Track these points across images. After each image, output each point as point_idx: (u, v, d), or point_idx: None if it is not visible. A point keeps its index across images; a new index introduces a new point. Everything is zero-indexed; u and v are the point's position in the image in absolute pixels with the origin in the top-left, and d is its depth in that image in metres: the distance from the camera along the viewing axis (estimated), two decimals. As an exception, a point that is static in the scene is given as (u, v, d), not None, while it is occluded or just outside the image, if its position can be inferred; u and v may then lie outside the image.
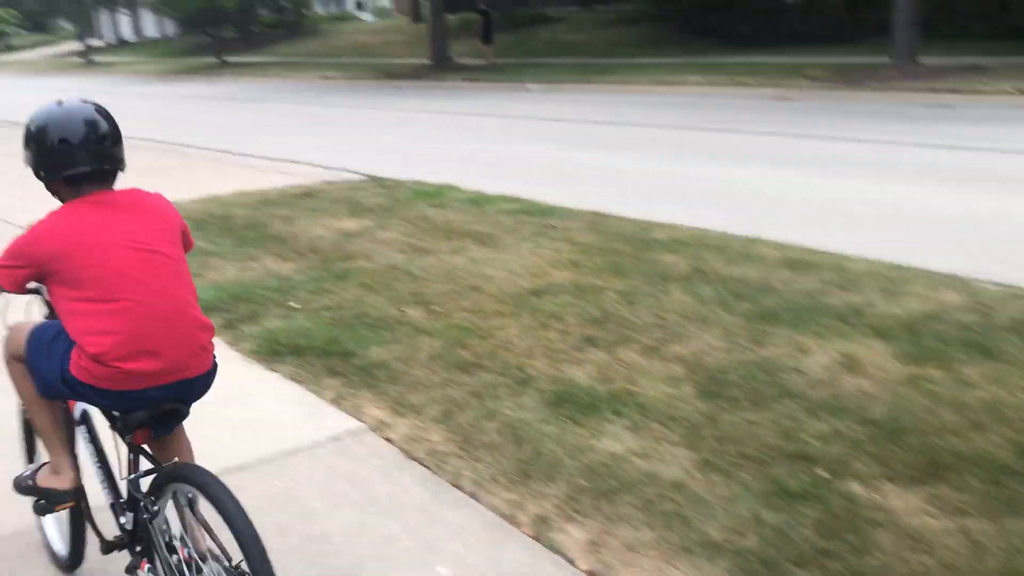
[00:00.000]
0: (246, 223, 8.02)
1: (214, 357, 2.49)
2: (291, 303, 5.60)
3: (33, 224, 2.36)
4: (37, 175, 2.42)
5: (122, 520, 2.57)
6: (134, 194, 2.51)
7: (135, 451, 2.48)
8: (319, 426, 4.02)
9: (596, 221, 7.55)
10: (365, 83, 26.39)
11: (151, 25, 62.91)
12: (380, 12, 53.78)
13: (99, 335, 2.26)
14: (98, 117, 2.43)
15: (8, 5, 54.75)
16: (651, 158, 11.18)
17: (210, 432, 3.99)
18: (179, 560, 2.34)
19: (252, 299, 5.71)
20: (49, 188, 2.46)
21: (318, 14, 50.01)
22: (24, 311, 2.77)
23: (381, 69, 28.66)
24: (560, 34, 33.07)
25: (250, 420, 4.12)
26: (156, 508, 2.40)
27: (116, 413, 2.44)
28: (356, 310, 5.43)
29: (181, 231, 2.57)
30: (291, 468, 3.67)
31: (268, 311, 5.49)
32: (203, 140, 15.14)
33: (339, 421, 4.05)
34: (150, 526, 2.41)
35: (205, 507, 2.25)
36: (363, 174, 10.87)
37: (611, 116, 15.68)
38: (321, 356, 4.71)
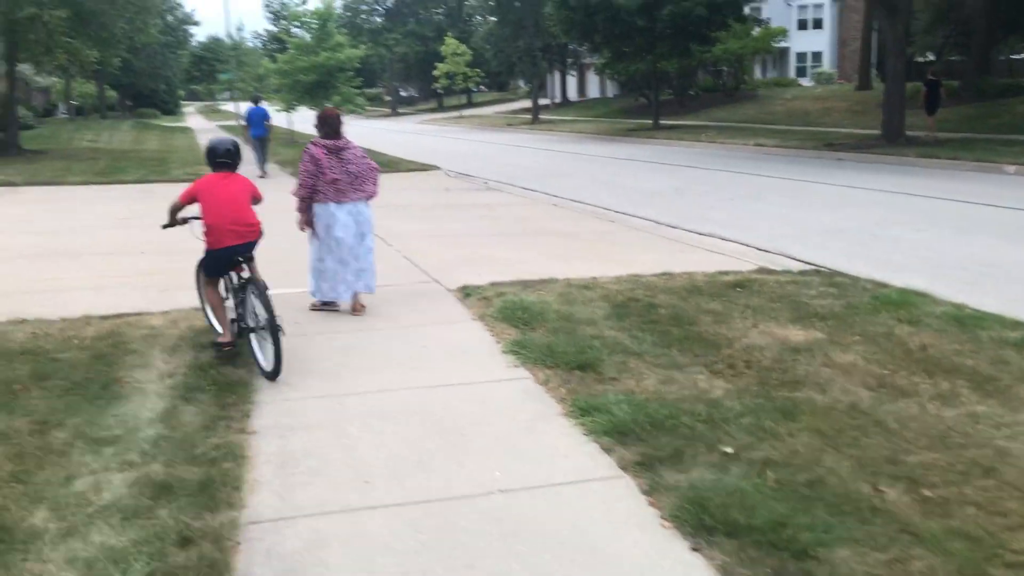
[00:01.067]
0: (671, 316, 7.00)
1: (259, 233, 6.02)
2: (724, 446, 4.38)
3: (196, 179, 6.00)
4: (207, 161, 6.07)
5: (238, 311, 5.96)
6: (234, 176, 6.02)
7: (238, 276, 6.00)
8: None
9: None
10: (803, 153, 24.66)
11: (594, 85, 66.68)
12: (821, 77, 51.34)
13: (209, 221, 5.80)
14: (229, 143, 6.10)
15: (476, 65, 61.29)
16: None
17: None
18: (254, 324, 5.81)
19: (675, 429, 4.60)
20: (209, 166, 6.05)
21: (756, 79, 49.05)
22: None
23: (822, 139, 26.72)
24: (1041, 108, 28.43)
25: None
26: (242, 297, 5.89)
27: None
28: (810, 473, 4.06)
29: (251, 192, 6.08)
30: None
31: (694, 451, 4.33)
32: (628, 205, 14.69)
33: None
34: (239, 307, 5.93)
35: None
36: (805, 263, 9.41)
37: None
38: (767, 547, 3.42)
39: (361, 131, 44.49)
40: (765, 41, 42.28)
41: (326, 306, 7.50)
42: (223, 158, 6.02)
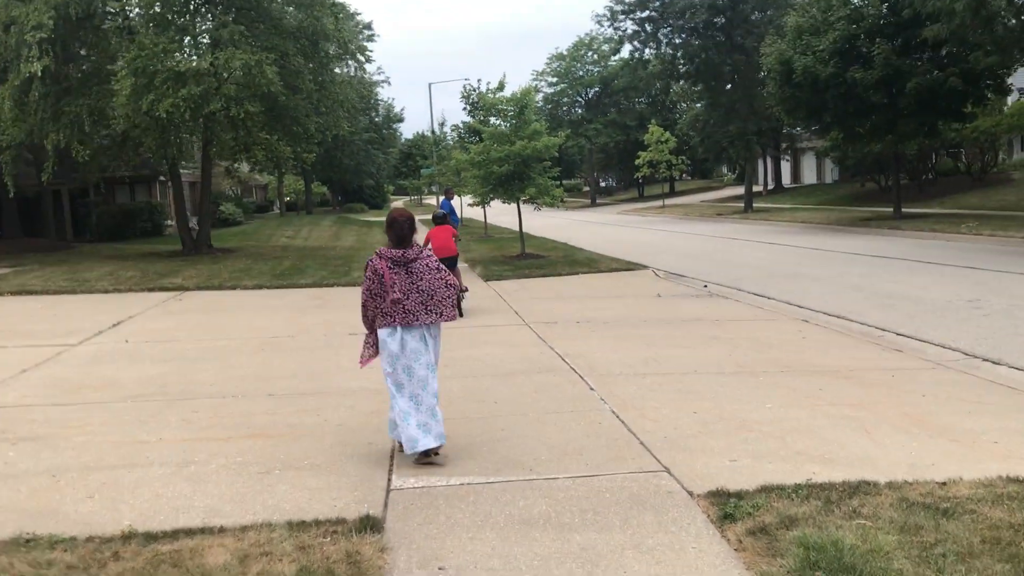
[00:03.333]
0: None
1: (456, 255, 13.22)
2: None
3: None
4: (432, 218, 14.03)
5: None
6: (444, 227, 13.32)
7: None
8: None
9: None
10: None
11: (809, 170, 61.98)
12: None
13: (433, 247, 12.31)
14: (442, 214, 13.71)
15: (680, 152, 58.39)
16: None
17: None
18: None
19: None
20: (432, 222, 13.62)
21: (1007, 160, 42.88)
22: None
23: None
24: None
25: None
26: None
27: None
28: None
29: (453, 234, 13.37)
30: None
31: None
32: (907, 323, 10.95)
33: None
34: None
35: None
36: None
37: None
38: None
39: (560, 223, 42.33)
40: (1023, 117, 36.61)
41: (426, 457, 5.92)
42: (438, 219, 13.26)
